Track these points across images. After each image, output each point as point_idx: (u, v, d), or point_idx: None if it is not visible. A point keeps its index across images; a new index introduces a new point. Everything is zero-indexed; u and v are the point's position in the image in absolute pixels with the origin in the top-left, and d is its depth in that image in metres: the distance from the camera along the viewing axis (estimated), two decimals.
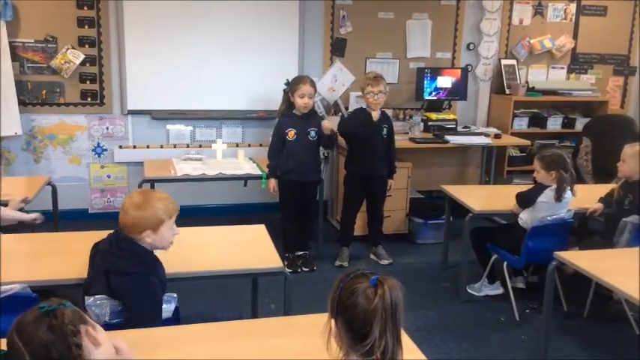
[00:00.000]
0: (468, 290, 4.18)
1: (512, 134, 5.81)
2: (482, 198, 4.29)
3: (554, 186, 3.68)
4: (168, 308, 2.33)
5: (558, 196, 3.69)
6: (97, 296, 2.23)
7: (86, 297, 2.25)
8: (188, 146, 5.45)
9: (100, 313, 2.21)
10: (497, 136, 5.55)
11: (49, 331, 1.37)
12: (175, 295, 2.38)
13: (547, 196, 3.73)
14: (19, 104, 4.96)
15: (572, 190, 3.73)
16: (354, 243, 4.85)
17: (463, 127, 5.80)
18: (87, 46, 5.10)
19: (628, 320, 3.68)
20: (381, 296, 1.45)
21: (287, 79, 4.46)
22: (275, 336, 2.13)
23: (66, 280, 2.52)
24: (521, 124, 5.99)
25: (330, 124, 4.48)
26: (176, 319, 2.38)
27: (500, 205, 4.05)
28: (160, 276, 2.37)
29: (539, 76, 6.22)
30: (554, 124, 6.08)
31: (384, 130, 4.52)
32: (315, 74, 5.42)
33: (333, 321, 1.53)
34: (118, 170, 5.43)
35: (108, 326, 2.08)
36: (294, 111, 4.39)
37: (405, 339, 2.00)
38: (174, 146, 5.44)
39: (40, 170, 5.17)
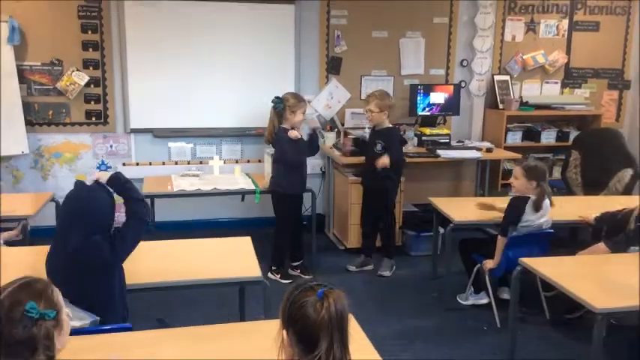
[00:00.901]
0: (458, 299, 4.30)
1: (506, 148, 5.93)
2: (471, 210, 4.39)
3: (532, 197, 3.80)
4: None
5: (538, 206, 3.81)
6: None
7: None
8: (189, 163, 5.64)
9: None
10: (489, 150, 5.67)
11: (24, 332, 1.48)
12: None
13: (529, 206, 3.85)
14: (26, 124, 5.20)
15: (550, 200, 3.86)
16: (348, 254, 5.01)
17: (457, 142, 5.93)
18: (91, 68, 5.33)
19: (613, 328, 3.75)
20: (327, 308, 1.54)
21: (277, 97, 4.62)
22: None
23: None
24: (515, 138, 6.11)
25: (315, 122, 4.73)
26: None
27: (485, 215, 4.18)
28: None
29: (533, 90, 6.34)
30: (548, 137, 6.19)
31: (378, 145, 4.68)
32: (312, 92, 5.62)
33: (284, 331, 1.61)
34: None
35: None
36: (284, 126, 4.56)
37: (369, 348, 2.13)
38: (176, 163, 5.64)
39: (47, 187, 5.37)
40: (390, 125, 4.76)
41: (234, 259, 3.15)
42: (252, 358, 2.03)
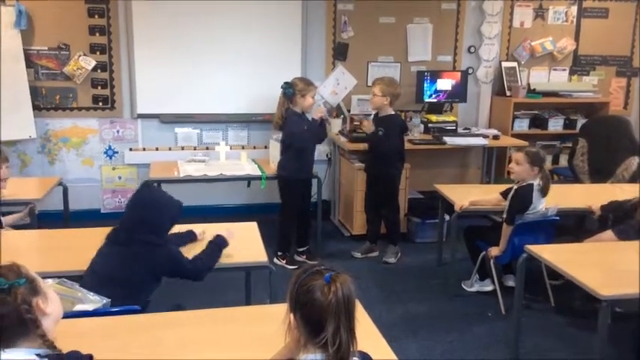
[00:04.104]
0: (463, 286, 4.32)
1: (513, 136, 5.90)
2: (476, 197, 4.38)
3: (537, 181, 3.80)
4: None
5: (545, 191, 3.82)
6: None
7: None
8: (195, 148, 5.65)
9: None
10: (495, 137, 5.66)
11: (3, 305, 1.54)
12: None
13: (535, 192, 3.86)
14: (33, 109, 5.22)
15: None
16: (353, 241, 5.04)
17: (464, 129, 5.91)
18: (98, 53, 5.34)
19: (618, 317, 3.74)
20: (334, 292, 1.56)
21: (286, 82, 4.61)
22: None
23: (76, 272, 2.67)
24: (522, 125, 6.09)
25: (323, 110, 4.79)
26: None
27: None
28: None
29: (541, 78, 6.31)
30: (556, 125, 6.17)
31: (379, 132, 4.66)
32: (318, 78, 5.60)
33: (291, 315, 1.63)
34: (129, 172, 5.66)
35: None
36: (295, 109, 4.56)
37: (375, 333, 2.15)
38: (182, 148, 5.65)
39: (54, 172, 5.41)
40: (393, 113, 4.72)
41: (241, 244, 3.15)
42: (258, 342, 2.05)
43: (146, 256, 2.63)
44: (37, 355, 1.57)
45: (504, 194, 4.06)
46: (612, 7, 6.28)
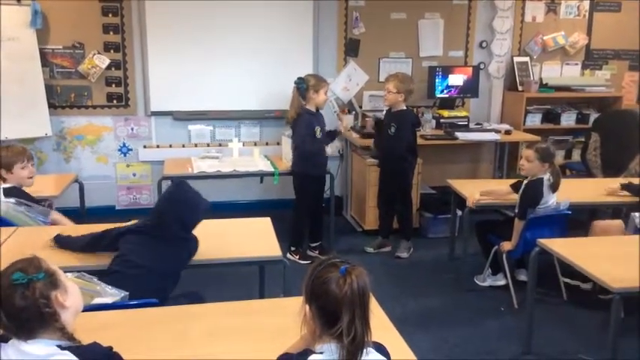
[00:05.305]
0: (475, 281, 4.34)
1: (525, 130, 5.90)
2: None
3: (547, 176, 3.81)
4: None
5: (556, 186, 3.83)
6: None
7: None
8: (208, 145, 5.70)
9: None
10: (507, 132, 5.66)
11: (22, 299, 1.58)
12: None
13: (546, 187, 3.86)
14: (49, 107, 5.28)
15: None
16: (366, 236, 5.06)
17: (476, 124, 5.91)
18: (112, 52, 5.39)
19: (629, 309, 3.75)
20: (349, 284, 1.58)
21: (299, 77, 4.64)
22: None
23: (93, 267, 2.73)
24: (534, 120, 6.09)
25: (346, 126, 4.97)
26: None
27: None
28: None
29: (553, 72, 6.30)
30: (568, 119, 6.16)
31: (392, 128, 4.69)
32: (330, 74, 5.63)
33: (307, 306, 1.66)
34: (143, 169, 5.72)
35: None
36: (308, 107, 4.59)
37: (389, 326, 2.18)
38: (196, 145, 5.70)
39: (70, 169, 5.48)
40: (405, 108, 4.74)
41: (255, 239, 3.19)
42: (273, 334, 2.08)
43: (183, 251, 2.82)
44: (58, 346, 1.61)
45: (514, 187, 4.07)
46: (625, 1, 6.26)
